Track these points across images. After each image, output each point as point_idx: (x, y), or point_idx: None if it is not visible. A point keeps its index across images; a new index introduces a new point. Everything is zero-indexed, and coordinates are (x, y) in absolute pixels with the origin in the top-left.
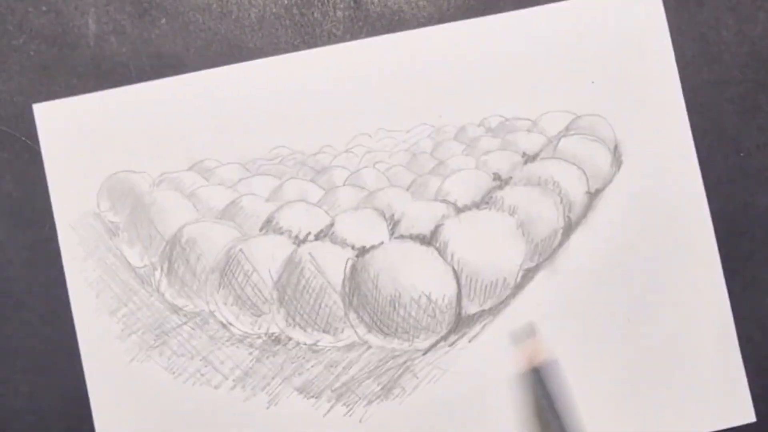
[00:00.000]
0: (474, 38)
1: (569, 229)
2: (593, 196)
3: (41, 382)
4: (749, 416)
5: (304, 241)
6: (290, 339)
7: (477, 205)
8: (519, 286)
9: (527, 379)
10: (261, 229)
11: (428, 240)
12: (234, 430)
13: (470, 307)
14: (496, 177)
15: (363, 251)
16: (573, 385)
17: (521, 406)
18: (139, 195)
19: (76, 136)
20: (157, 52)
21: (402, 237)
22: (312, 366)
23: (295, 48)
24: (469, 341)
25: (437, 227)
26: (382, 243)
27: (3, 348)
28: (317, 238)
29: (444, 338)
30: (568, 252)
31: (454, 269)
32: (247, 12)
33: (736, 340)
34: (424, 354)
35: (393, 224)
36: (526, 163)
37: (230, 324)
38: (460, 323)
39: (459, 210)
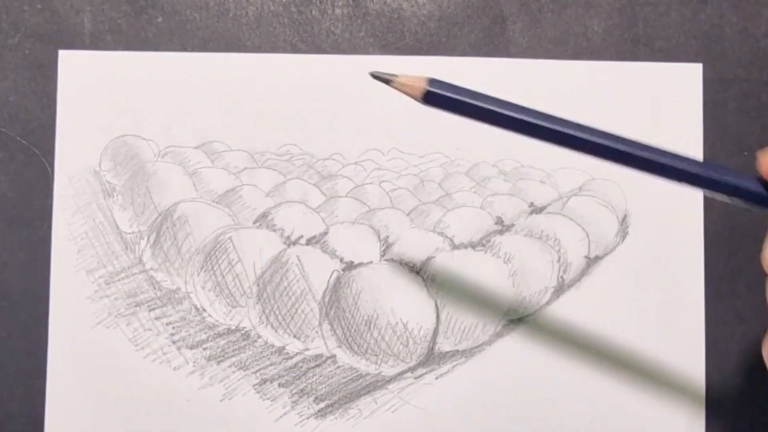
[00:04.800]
0: (504, 77)
1: (560, 289)
2: (592, 261)
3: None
4: None
5: (295, 243)
6: (260, 337)
7: (473, 245)
8: (498, 335)
9: None
10: (255, 222)
11: (417, 269)
12: (182, 415)
13: (444, 345)
14: (499, 221)
15: (350, 266)
16: None
17: None
18: (142, 162)
19: (94, 91)
20: (153, 51)
21: (392, 260)
22: (275, 369)
23: (294, 46)
24: (436, 378)
25: (429, 258)
26: (371, 262)
27: None
28: (308, 243)
29: (412, 370)
30: (554, 312)
31: (436, 303)
32: (244, 10)
33: None
34: (388, 381)
35: (386, 246)
36: (531, 213)
37: (203, 309)
38: (431, 358)
39: (454, 246)
